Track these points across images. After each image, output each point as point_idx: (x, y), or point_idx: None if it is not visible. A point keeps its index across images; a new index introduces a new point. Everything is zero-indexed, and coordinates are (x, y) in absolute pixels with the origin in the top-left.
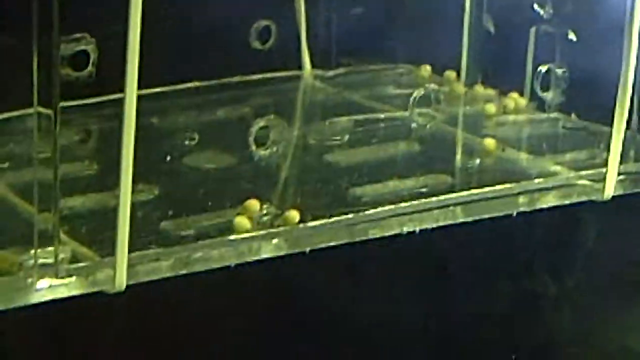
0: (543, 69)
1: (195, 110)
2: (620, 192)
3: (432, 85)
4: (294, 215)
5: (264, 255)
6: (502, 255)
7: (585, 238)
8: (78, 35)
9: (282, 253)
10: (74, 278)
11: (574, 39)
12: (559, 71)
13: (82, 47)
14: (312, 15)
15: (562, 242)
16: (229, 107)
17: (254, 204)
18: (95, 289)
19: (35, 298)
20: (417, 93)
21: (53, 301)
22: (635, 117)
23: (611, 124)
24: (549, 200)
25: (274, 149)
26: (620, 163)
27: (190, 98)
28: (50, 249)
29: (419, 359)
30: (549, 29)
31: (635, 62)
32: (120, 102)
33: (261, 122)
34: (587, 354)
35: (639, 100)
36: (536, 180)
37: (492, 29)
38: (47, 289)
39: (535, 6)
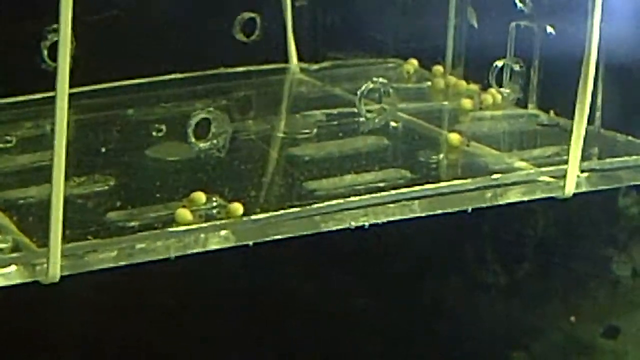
0: (499, 64)
1: (175, 101)
2: (583, 189)
3: (380, 79)
4: (237, 207)
5: (211, 247)
6: (453, 247)
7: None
8: (55, 25)
9: (229, 245)
10: (11, 268)
11: (552, 33)
12: (516, 67)
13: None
14: (302, 8)
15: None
16: (208, 99)
17: (199, 196)
18: (30, 279)
19: None
20: (365, 87)
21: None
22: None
23: (572, 121)
24: (510, 197)
25: (215, 141)
26: (584, 160)
27: (172, 89)
28: None
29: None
30: (528, 24)
31: (597, 57)
32: (54, 98)
33: (201, 115)
34: (539, 344)
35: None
36: (495, 176)
37: (475, 24)
38: None
39: (517, 1)
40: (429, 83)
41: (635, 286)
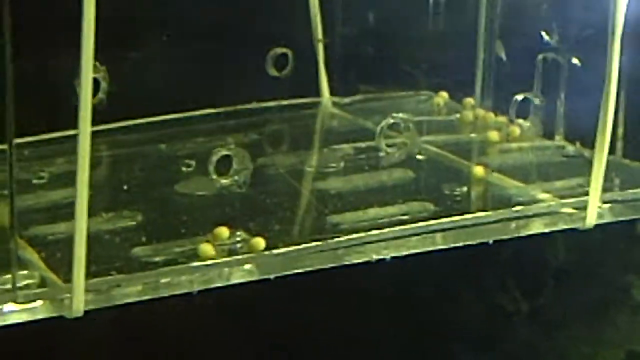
0: (519, 97)
1: (207, 137)
2: (606, 220)
3: (401, 114)
4: (259, 242)
5: (235, 281)
6: (474, 275)
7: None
8: None
9: (253, 279)
10: (37, 303)
11: (578, 64)
12: (536, 100)
13: (93, 75)
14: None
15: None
16: (240, 134)
17: (222, 231)
18: (55, 314)
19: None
20: (385, 122)
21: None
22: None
23: (592, 152)
24: (532, 228)
25: (236, 177)
26: (605, 191)
27: (205, 124)
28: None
29: None
30: (555, 56)
31: (617, 88)
32: (76, 137)
33: (222, 152)
34: None
35: (625, 127)
36: (516, 208)
37: (503, 56)
38: (7, 314)
39: (543, 34)
40: (458, 115)
41: None
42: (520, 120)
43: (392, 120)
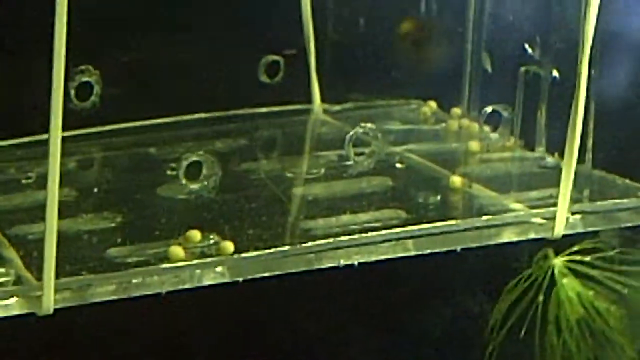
0: (488, 109)
1: (196, 141)
2: (578, 230)
3: (369, 125)
4: (228, 245)
5: (206, 283)
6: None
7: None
8: (82, 67)
9: (224, 281)
10: (10, 300)
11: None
12: (505, 112)
13: (86, 79)
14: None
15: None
16: (229, 139)
17: (194, 234)
18: (26, 311)
19: None
20: (354, 132)
21: None
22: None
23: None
24: (502, 237)
25: (205, 183)
26: (575, 202)
27: (196, 129)
28: None
29: None
30: (537, 69)
31: (586, 96)
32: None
33: (192, 157)
34: None
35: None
36: (485, 218)
37: (489, 68)
38: None
39: (526, 46)
40: (444, 125)
41: None
42: (492, 133)
43: (360, 130)
